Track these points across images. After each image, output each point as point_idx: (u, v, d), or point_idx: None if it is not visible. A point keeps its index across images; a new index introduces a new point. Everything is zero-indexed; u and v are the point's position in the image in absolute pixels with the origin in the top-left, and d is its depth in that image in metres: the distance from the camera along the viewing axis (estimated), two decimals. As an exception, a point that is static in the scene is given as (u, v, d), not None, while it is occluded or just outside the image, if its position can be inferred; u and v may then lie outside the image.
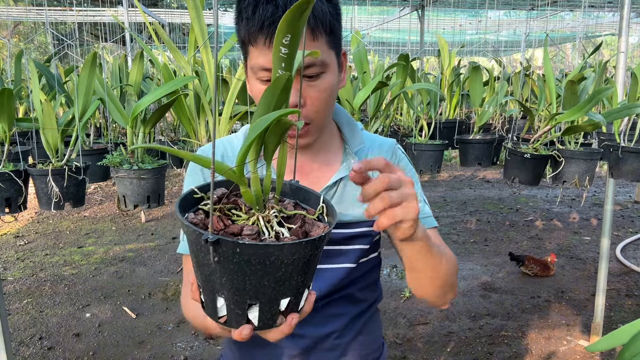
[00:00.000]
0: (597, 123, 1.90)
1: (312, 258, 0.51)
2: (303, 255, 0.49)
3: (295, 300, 0.53)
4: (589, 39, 6.43)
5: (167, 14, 6.60)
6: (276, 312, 0.52)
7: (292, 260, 0.48)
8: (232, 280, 0.49)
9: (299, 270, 0.50)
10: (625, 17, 2.23)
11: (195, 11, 1.53)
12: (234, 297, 0.50)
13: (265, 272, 0.48)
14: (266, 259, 0.47)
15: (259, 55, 0.76)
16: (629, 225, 4.65)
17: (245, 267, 0.48)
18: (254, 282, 0.49)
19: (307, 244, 0.49)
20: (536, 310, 3.00)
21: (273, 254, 0.47)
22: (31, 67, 1.79)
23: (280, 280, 0.50)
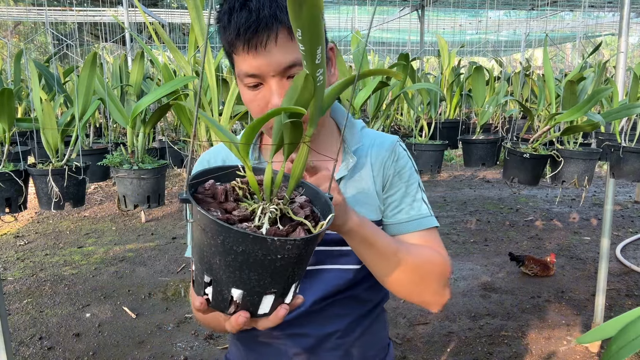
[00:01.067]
0: (596, 123, 1.90)
1: (288, 260, 0.51)
2: (272, 253, 0.49)
3: (282, 292, 0.54)
4: (588, 39, 6.43)
5: (167, 14, 6.60)
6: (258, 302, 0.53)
7: (269, 256, 0.49)
8: (206, 257, 0.51)
9: (285, 266, 0.51)
10: (625, 17, 2.23)
11: (195, 11, 1.53)
12: (216, 277, 0.52)
13: (245, 261, 0.49)
14: (235, 244, 0.48)
15: (242, 62, 0.76)
16: (629, 225, 4.65)
17: (230, 251, 0.49)
18: (237, 267, 0.50)
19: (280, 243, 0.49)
20: (536, 310, 3.00)
21: (236, 239, 0.48)
22: (31, 67, 1.79)
23: (264, 271, 0.50)
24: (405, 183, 0.91)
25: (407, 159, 0.94)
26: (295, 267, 0.52)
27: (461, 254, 3.92)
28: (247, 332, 0.91)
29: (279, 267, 0.50)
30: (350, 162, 0.88)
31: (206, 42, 0.90)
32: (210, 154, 0.94)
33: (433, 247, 0.88)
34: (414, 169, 0.94)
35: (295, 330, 0.89)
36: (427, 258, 0.83)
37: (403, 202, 0.90)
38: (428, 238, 0.89)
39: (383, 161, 0.90)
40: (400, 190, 0.90)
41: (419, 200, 0.91)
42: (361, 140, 0.92)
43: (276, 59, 0.73)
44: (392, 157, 0.91)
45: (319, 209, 0.61)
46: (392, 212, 0.90)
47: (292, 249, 0.49)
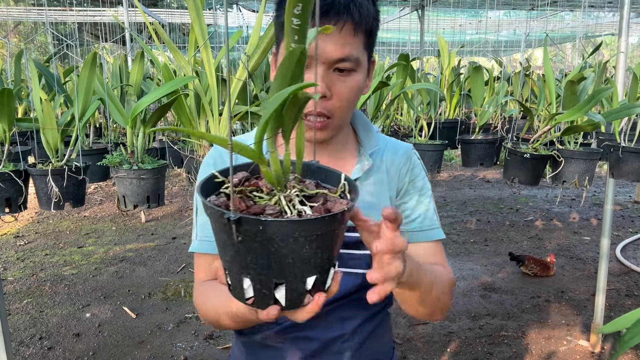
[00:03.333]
0: (597, 123, 1.90)
1: (336, 234, 0.50)
2: (326, 231, 0.48)
3: (322, 278, 0.53)
4: (588, 39, 6.43)
5: (167, 14, 6.59)
6: (303, 291, 0.52)
7: (315, 237, 0.48)
8: (257, 260, 0.49)
9: (323, 247, 0.50)
10: (625, 17, 2.23)
11: (195, 11, 1.53)
12: (259, 277, 0.50)
13: (289, 250, 0.48)
14: (289, 236, 0.47)
15: None
16: (629, 225, 4.65)
17: (269, 246, 0.48)
18: (279, 261, 0.49)
19: (330, 219, 0.48)
20: (536, 310, 3.00)
21: (296, 230, 0.47)
22: (31, 67, 1.79)
23: (304, 258, 0.49)
24: (419, 192, 0.91)
25: (421, 168, 0.94)
26: (333, 241, 0.51)
27: (461, 254, 3.92)
28: (251, 334, 0.91)
29: (301, 244, 0.49)
30: (365, 164, 0.88)
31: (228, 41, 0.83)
32: (214, 155, 0.93)
33: (440, 260, 0.89)
34: (427, 179, 0.94)
35: (300, 333, 0.88)
36: (446, 279, 0.83)
37: (416, 211, 0.90)
38: (435, 250, 0.90)
39: (399, 168, 0.91)
40: (414, 199, 0.91)
41: (431, 210, 0.91)
42: (377, 144, 0.92)
43: (333, 47, 0.74)
44: (408, 164, 0.92)
45: (330, 184, 0.60)
46: (406, 220, 0.89)
47: (314, 227, 0.48)
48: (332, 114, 0.79)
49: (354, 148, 0.92)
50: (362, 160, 0.88)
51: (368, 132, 0.92)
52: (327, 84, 0.77)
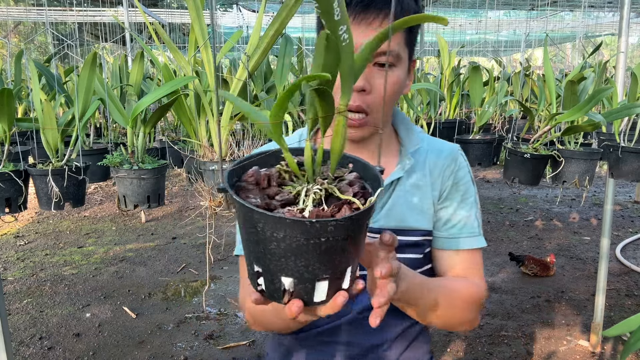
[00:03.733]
0: (597, 123, 1.90)
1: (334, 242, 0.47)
2: (314, 236, 0.46)
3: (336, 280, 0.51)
4: (588, 39, 6.43)
5: (167, 14, 6.59)
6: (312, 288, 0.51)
7: (312, 240, 0.46)
8: (251, 247, 0.50)
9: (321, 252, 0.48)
10: (625, 17, 2.23)
11: (195, 11, 1.53)
12: (264, 267, 0.50)
13: (284, 246, 0.47)
14: (275, 231, 0.46)
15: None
16: (629, 225, 4.65)
17: (259, 235, 0.47)
18: (269, 252, 0.48)
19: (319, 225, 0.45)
20: (536, 310, 3.00)
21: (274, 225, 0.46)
22: (31, 67, 1.79)
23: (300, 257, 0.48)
24: (462, 196, 0.87)
25: (466, 170, 0.90)
26: (345, 250, 0.48)
27: (461, 254, 3.92)
28: (291, 335, 0.90)
29: (325, 250, 0.47)
30: (407, 163, 0.85)
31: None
32: (262, 149, 0.92)
33: (474, 271, 0.86)
34: (472, 182, 0.90)
35: (340, 338, 0.86)
36: (465, 295, 0.81)
37: (456, 216, 0.86)
38: (472, 260, 0.86)
39: (442, 169, 0.87)
40: (456, 203, 0.87)
41: (472, 216, 0.87)
42: (419, 143, 0.89)
43: None
44: (453, 166, 0.88)
45: (369, 184, 0.57)
46: (444, 225, 0.86)
47: (336, 230, 0.46)
48: (370, 110, 0.77)
49: (396, 149, 0.89)
50: (404, 159, 0.86)
51: (409, 131, 0.90)
52: (367, 78, 0.75)
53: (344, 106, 0.50)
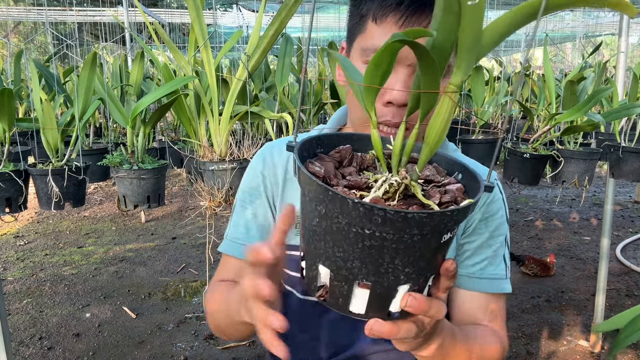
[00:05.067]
0: (596, 123, 1.90)
1: (382, 240, 0.39)
2: (357, 223, 0.38)
3: (381, 297, 0.43)
4: (588, 38, 6.43)
5: (167, 14, 6.59)
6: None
7: (354, 227, 0.39)
8: (302, 220, 0.45)
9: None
10: (625, 17, 2.23)
11: (195, 11, 1.53)
12: (306, 248, 0.45)
13: (325, 225, 0.41)
14: (318, 202, 0.40)
15: (382, 35, 0.64)
16: (629, 225, 4.65)
17: (305, 205, 0.43)
18: (313, 230, 0.42)
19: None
20: (536, 310, 3.00)
21: (317, 195, 0.39)
22: (31, 67, 1.79)
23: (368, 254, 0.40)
24: (490, 232, 0.76)
25: (501, 203, 0.79)
26: (395, 257, 0.40)
27: (461, 254, 3.92)
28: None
29: (369, 247, 0.39)
30: None
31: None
32: (263, 154, 0.83)
33: (494, 320, 0.75)
34: (506, 218, 0.79)
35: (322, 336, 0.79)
36: (481, 350, 0.69)
37: (481, 254, 0.76)
38: (494, 306, 0.76)
39: None
40: (482, 239, 0.76)
41: (500, 257, 0.77)
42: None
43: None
44: (485, 198, 0.77)
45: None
46: (465, 261, 0.77)
47: (384, 224, 0.37)
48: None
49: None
50: None
51: (444, 149, 0.79)
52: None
53: (455, 85, 0.40)
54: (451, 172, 0.51)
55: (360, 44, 0.68)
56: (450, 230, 0.41)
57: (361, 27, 0.68)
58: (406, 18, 0.63)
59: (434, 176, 0.48)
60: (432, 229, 0.38)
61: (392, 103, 0.66)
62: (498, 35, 0.38)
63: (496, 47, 0.40)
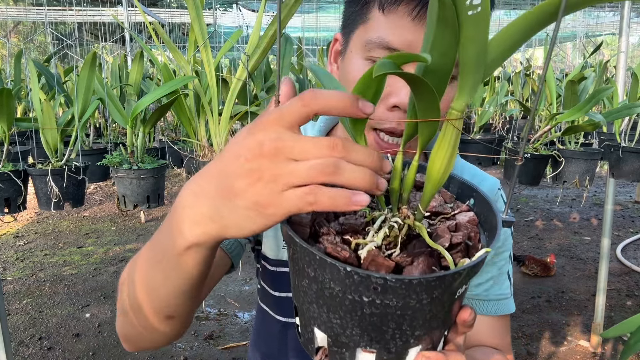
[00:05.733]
0: (597, 123, 1.90)
1: (384, 308, 0.34)
2: (353, 291, 0.33)
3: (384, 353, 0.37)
4: (589, 38, 6.43)
5: (167, 14, 6.59)
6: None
7: (349, 295, 0.34)
8: (294, 286, 0.40)
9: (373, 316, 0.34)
10: (626, 16, 2.22)
11: (195, 11, 1.53)
12: (298, 305, 0.40)
13: (316, 289, 0.36)
14: (306, 264, 0.35)
15: (390, 29, 0.55)
16: (630, 225, 4.64)
17: (291, 259, 0.38)
18: (304, 290, 0.38)
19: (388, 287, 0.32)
20: (536, 310, 3.00)
21: (303, 256, 0.35)
22: (30, 67, 1.78)
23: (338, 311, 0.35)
24: (495, 249, 0.71)
25: None
26: (401, 322, 0.34)
27: (461, 254, 3.92)
28: None
29: (370, 315, 0.34)
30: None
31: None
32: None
33: (500, 342, 0.71)
34: (510, 232, 0.74)
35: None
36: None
37: (486, 273, 0.71)
38: (500, 328, 0.71)
39: None
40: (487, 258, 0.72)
41: (504, 274, 0.72)
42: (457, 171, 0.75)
43: None
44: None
45: (485, 236, 0.41)
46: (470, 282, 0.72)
47: (385, 292, 0.32)
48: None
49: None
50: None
51: None
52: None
53: (458, 111, 0.35)
54: (460, 195, 0.45)
55: (361, 37, 0.59)
56: (465, 284, 0.36)
57: (364, 15, 0.59)
58: (422, 7, 0.54)
59: (440, 207, 0.42)
60: (443, 290, 0.34)
61: (398, 107, 0.57)
62: (509, 47, 0.31)
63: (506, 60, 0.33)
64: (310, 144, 0.34)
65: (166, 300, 0.46)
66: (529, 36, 0.31)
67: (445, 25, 0.30)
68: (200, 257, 0.42)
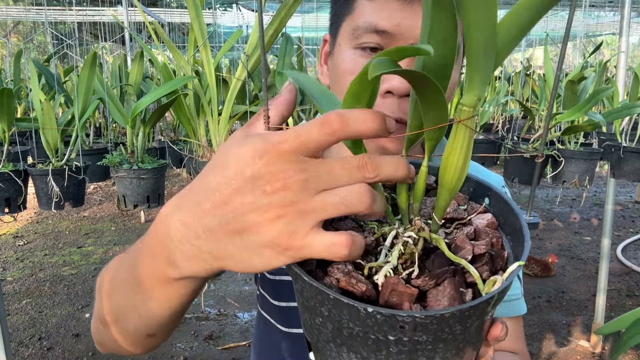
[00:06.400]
0: (597, 123, 1.90)
1: (413, 345, 0.30)
2: (375, 330, 0.29)
3: None
4: (589, 38, 6.43)
5: (167, 14, 6.59)
6: None
7: (372, 334, 0.30)
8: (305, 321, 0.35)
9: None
10: (626, 16, 2.22)
11: (194, 10, 1.53)
12: (313, 342, 0.35)
13: (332, 328, 0.32)
14: (316, 302, 0.31)
15: (378, 12, 0.52)
16: (630, 225, 4.64)
17: (300, 298, 0.34)
18: (318, 329, 0.34)
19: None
20: (537, 310, 3.00)
21: (312, 294, 0.31)
22: (30, 67, 1.78)
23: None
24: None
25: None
26: (432, 356, 0.31)
27: (461, 254, 3.92)
28: None
29: (395, 353, 0.30)
30: None
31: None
32: None
33: (516, 346, 0.68)
34: None
35: None
36: None
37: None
38: (513, 331, 0.68)
39: None
40: None
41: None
42: None
43: None
44: None
45: (509, 240, 0.37)
46: None
47: (414, 330, 0.28)
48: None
49: None
50: None
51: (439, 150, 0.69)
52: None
53: (469, 107, 0.30)
54: (473, 196, 0.40)
55: (349, 27, 0.56)
56: (498, 304, 0.32)
57: (349, 6, 0.56)
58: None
59: (455, 212, 0.38)
60: (477, 317, 0.30)
61: (391, 92, 0.54)
62: (520, 28, 0.28)
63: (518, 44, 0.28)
64: (338, 169, 0.29)
65: (142, 327, 0.42)
66: (544, 12, 0.27)
67: (441, 8, 0.26)
68: (191, 287, 0.37)
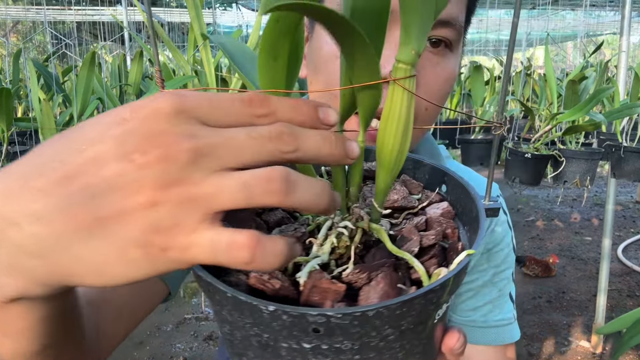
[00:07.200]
0: (598, 123, 1.89)
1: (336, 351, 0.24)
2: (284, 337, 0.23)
3: None
4: (590, 38, 6.42)
5: (166, 13, 6.58)
6: None
7: (283, 342, 0.24)
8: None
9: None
10: (627, 16, 2.22)
11: (194, 10, 1.52)
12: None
13: (241, 336, 0.26)
14: (221, 305, 0.24)
15: None
16: (631, 226, 4.64)
17: (237, 331, 0.26)
18: (229, 340, 0.28)
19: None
20: (537, 310, 2.99)
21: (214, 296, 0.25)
22: (29, 67, 1.78)
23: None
24: (495, 268, 0.60)
25: (506, 227, 0.62)
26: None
27: (462, 254, 3.91)
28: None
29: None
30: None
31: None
32: None
33: None
34: (512, 246, 0.63)
35: None
36: None
37: (483, 296, 0.60)
38: (502, 357, 0.61)
39: None
40: (485, 277, 0.60)
41: (505, 296, 0.61)
42: None
43: None
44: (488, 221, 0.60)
45: (465, 231, 0.31)
46: (465, 305, 0.60)
47: (332, 334, 0.22)
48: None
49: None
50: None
51: (433, 156, 0.63)
52: None
53: (406, 64, 0.24)
54: (430, 184, 0.35)
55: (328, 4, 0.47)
56: (446, 303, 0.26)
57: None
58: None
59: (404, 200, 0.32)
60: (416, 317, 0.24)
61: None
62: None
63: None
64: (244, 138, 0.21)
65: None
66: None
67: None
68: (38, 313, 0.26)
